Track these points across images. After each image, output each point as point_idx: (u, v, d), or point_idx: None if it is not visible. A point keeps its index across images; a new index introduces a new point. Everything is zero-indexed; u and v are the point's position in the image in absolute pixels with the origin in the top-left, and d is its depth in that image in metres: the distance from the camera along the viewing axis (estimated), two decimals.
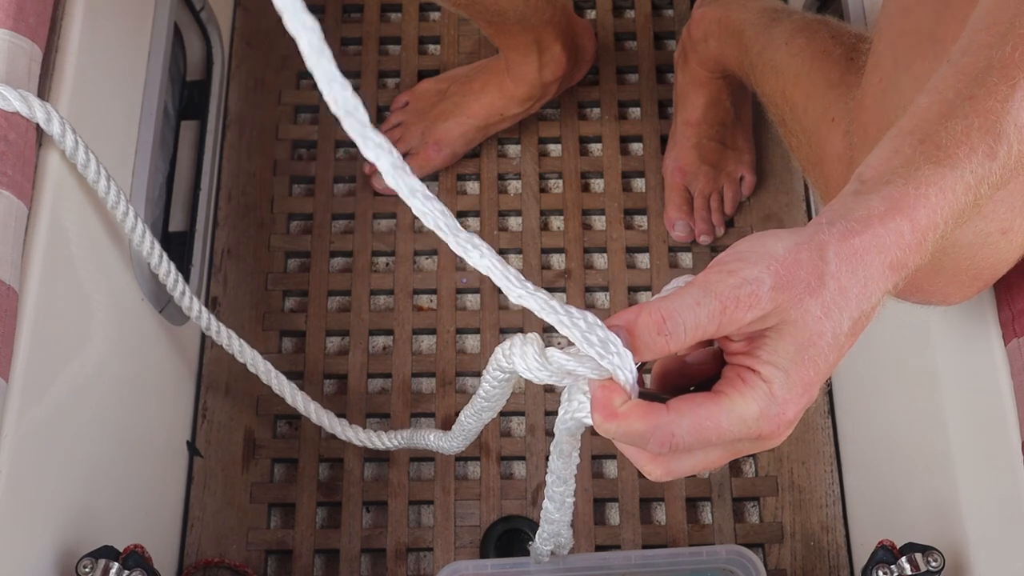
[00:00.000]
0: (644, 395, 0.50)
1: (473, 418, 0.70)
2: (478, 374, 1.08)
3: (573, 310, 0.48)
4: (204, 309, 0.91)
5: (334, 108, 0.41)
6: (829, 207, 0.51)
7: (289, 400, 0.94)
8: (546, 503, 0.73)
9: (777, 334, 0.48)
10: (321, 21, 1.24)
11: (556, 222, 1.20)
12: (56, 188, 0.78)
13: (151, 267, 0.87)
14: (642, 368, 0.50)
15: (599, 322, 0.48)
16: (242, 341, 0.92)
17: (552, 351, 0.51)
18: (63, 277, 0.80)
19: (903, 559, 0.77)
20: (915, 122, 0.53)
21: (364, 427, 1.02)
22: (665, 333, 0.47)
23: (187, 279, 0.94)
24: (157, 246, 0.86)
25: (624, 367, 0.48)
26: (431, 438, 0.88)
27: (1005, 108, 0.51)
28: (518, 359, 0.52)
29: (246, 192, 1.19)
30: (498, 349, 0.54)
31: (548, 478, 0.69)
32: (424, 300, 1.16)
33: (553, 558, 0.87)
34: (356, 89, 0.41)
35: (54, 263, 0.78)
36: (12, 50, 0.74)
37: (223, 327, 0.92)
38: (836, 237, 0.49)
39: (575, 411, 0.52)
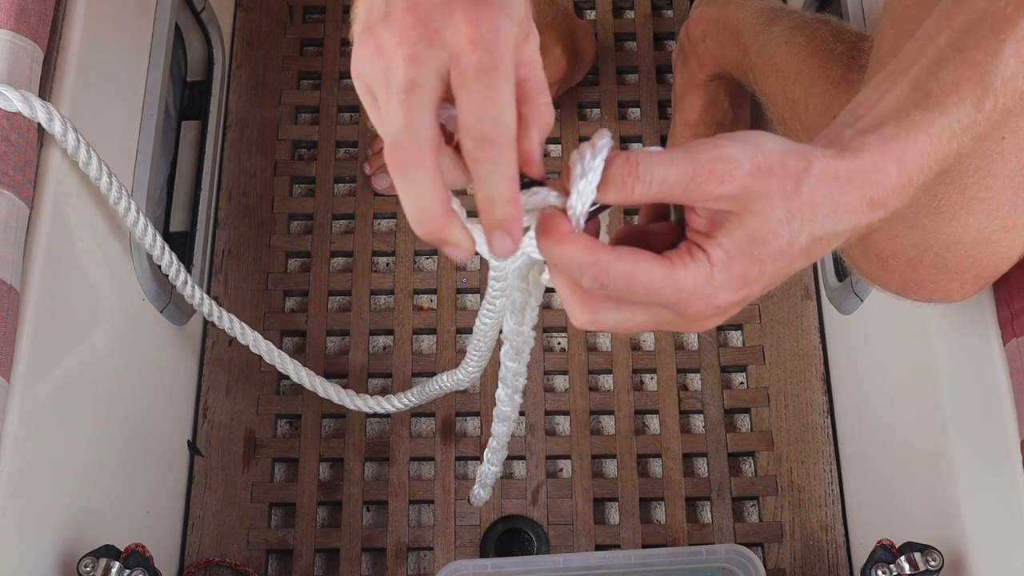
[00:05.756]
0: None
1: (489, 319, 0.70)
2: None
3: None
4: (206, 297, 0.92)
5: None
6: (825, 135, 0.53)
7: (294, 376, 0.95)
8: (499, 390, 0.71)
9: (737, 220, 0.49)
10: (321, 22, 1.25)
11: None
12: (57, 188, 0.78)
13: (153, 259, 0.88)
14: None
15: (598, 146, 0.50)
16: (243, 324, 0.93)
17: None
18: (64, 277, 0.80)
19: (902, 558, 0.78)
20: (906, 65, 0.54)
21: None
22: (634, 175, 0.49)
23: None
24: (159, 239, 0.86)
25: (586, 187, 0.49)
26: (444, 380, 0.89)
27: (994, 62, 0.52)
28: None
29: (247, 192, 1.19)
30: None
31: (502, 350, 0.67)
32: (424, 300, 1.16)
33: (549, 557, 0.86)
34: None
35: (55, 263, 0.78)
36: (14, 51, 0.74)
37: (224, 312, 0.93)
38: (825, 157, 0.50)
39: (524, 246, 0.52)
